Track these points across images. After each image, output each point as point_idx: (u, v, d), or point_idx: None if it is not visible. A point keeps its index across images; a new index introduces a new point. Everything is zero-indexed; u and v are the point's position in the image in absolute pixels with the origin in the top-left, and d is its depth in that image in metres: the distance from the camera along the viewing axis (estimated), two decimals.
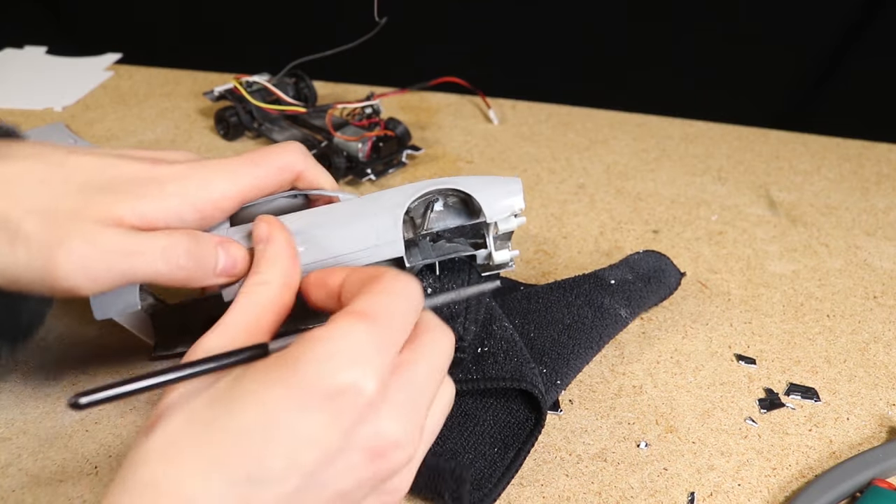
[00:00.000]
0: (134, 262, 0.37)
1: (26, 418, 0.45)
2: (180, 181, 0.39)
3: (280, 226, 0.39)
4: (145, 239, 0.37)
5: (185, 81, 0.89)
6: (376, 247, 0.42)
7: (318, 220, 0.43)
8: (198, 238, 0.39)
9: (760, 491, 0.42)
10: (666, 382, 0.49)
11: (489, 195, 0.44)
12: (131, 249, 0.37)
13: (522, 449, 0.42)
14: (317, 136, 0.74)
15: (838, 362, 0.51)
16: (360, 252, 0.42)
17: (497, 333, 0.45)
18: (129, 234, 0.37)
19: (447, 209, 0.46)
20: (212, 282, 0.40)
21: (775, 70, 1.00)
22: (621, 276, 0.52)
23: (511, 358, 0.43)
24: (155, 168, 0.39)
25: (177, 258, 0.38)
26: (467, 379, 0.42)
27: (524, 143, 0.78)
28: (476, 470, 0.40)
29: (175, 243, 0.38)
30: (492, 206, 0.44)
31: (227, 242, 0.40)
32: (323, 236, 0.42)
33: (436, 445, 0.41)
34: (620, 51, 1.02)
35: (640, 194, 0.70)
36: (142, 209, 0.38)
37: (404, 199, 0.43)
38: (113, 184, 0.38)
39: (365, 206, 0.43)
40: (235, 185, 0.41)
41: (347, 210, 0.43)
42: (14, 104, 0.83)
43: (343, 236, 0.42)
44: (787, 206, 0.69)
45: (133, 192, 0.38)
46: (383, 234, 0.42)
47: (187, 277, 0.39)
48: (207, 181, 0.40)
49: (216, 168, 0.41)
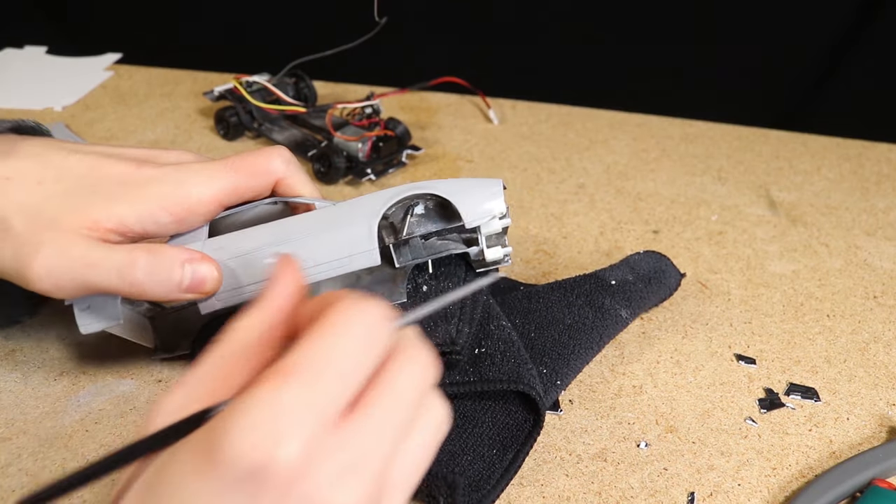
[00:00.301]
0: (90, 274, 0.39)
1: (26, 418, 0.45)
2: (157, 185, 0.41)
3: (290, 266, 0.32)
4: (104, 252, 0.39)
5: (185, 81, 0.89)
6: (350, 257, 0.42)
7: (292, 229, 0.42)
8: (159, 255, 0.39)
9: (760, 491, 0.42)
10: (666, 382, 0.49)
11: (467, 199, 0.44)
12: (89, 262, 0.39)
13: (521, 450, 0.42)
14: (317, 136, 0.74)
15: (838, 362, 0.51)
16: (335, 262, 0.42)
17: (495, 333, 0.45)
18: (92, 247, 0.39)
19: (427, 213, 0.45)
20: (179, 297, 0.40)
21: (775, 70, 1.00)
22: (622, 277, 0.52)
23: (508, 359, 0.43)
24: (138, 171, 0.41)
25: (131, 275, 0.39)
26: (464, 381, 0.42)
27: (524, 143, 0.78)
28: (475, 471, 0.40)
29: (131, 260, 0.39)
30: (470, 211, 0.44)
31: (196, 260, 0.40)
32: (297, 247, 0.42)
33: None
34: (620, 51, 1.02)
35: (640, 194, 0.70)
36: (117, 213, 0.40)
37: (380, 206, 0.43)
38: (98, 186, 0.40)
39: (340, 215, 0.43)
40: (211, 189, 0.41)
41: (322, 219, 0.43)
42: (14, 104, 0.83)
43: (317, 247, 0.42)
44: (787, 206, 0.69)
45: (112, 195, 0.40)
46: (358, 244, 0.42)
47: (145, 292, 0.39)
48: (183, 185, 0.41)
49: (194, 172, 0.42)
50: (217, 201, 0.42)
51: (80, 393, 0.47)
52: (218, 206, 0.42)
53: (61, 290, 0.39)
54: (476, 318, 0.44)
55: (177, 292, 0.40)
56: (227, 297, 0.42)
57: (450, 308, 0.44)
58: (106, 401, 0.46)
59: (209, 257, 0.41)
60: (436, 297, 0.45)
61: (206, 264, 0.40)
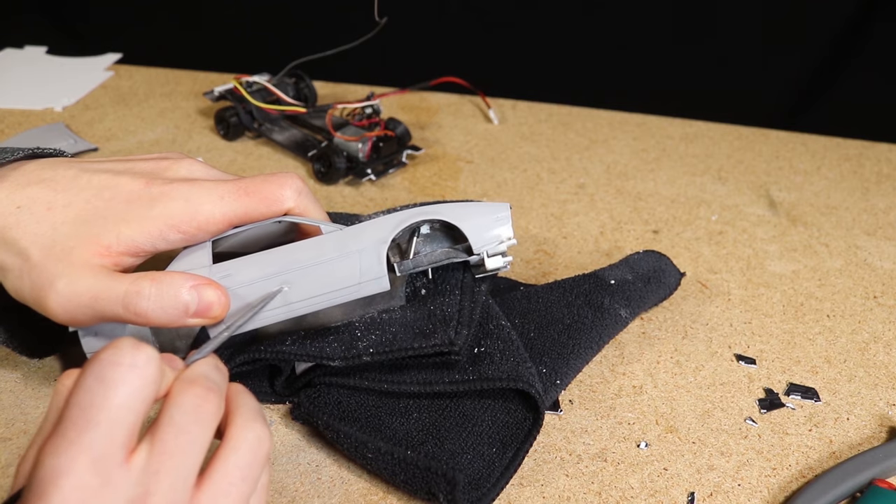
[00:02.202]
0: (98, 305, 0.39)
1: (26, 418, 0.45)
2: (166, 202, 0.41)
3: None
4: (109, 283, 0.39)
5: (185, 81, 0.89)
6: (360, 284, 0.43)
7: (300, 256, 0.42)
8: (164, 283, 0.39)
9: (760, 491, 0.42)
10: (666, 382, 0.49)
11: (475, 226, 0.44)
12: (95, 294, 0.39)
13: (521, 449, 0.42)
14: (317, 136, 0.74)
15: (838, 362, 0.51)
16: (344, 290, 0.43)
17: (494, 333, 0.45)
18: (100, 278, 0.39)
19: (433, 232, 0.46)
20: (186, 323, 0.40)
21: (775, 70, 1.00)
22: (621, 277, 0.52)
23: (508, 358, 0.43)
24: (147, 188, 0.42)
25: (135, 305, 0.39)
26: (464, 380, 0.42)
27: (524, 143, 0.78)
28: (474, 470, 0.40)
29: (136, 290, 0.39)
30: (478, 238, 0.44)
31: (203, 285, 0.40)
32: (305, 275, 0.42)
33: (434, 447, 0.41)
34: (620, 50, 1.02)
35: (640, 194, 0.70)
36: (127, 235, 0.40)
37: (388, 232, 0.43)
38: (107, 209, 0.41)
39: (348, 242, 0.43)
40: (221, 210, 0.42)
41: (330, 246, 0.43)
42: (14, 104, 0.83)
43: (326, 275, 0.42)
44: (787, 205, 0.69)
45: (121, 217, 0.41)
46: (367, 272, 0.42)
47: (150, 321, 0.40)
48: (192, 202, 0.41)
49: (205, 190, 0.42)
50: (226, 221, 0.42)
51: None
52: (227, 226, 0.43)
53: (77, 320, 0.40)
54: (475, 319, 0.44)
55: (183, 318, 0.40)
56: (236, 323, 0.42)
57: (448, 311, 0.44)
58: None
59: (215, 282, 0.41)
60: (433, 299, 0.46)
61: (212, 289, 0.40)
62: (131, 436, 0.29)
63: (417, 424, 0.43)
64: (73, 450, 0.27)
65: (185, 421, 0.30)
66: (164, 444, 0.29)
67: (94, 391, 0.29)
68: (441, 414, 0.43)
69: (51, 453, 0.27)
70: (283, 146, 0.74)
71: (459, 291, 0.46)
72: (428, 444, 0.41)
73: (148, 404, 0.30)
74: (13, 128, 0.77)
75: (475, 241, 0.44)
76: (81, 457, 0.27)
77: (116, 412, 0.28)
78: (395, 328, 0.43)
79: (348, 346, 0.43)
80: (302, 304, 0.42)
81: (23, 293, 0.41)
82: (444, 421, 0.43)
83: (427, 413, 0.43)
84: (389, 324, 0.44)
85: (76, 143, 0.74)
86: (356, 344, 0.43)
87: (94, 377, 0.29)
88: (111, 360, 0.29)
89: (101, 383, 0.29)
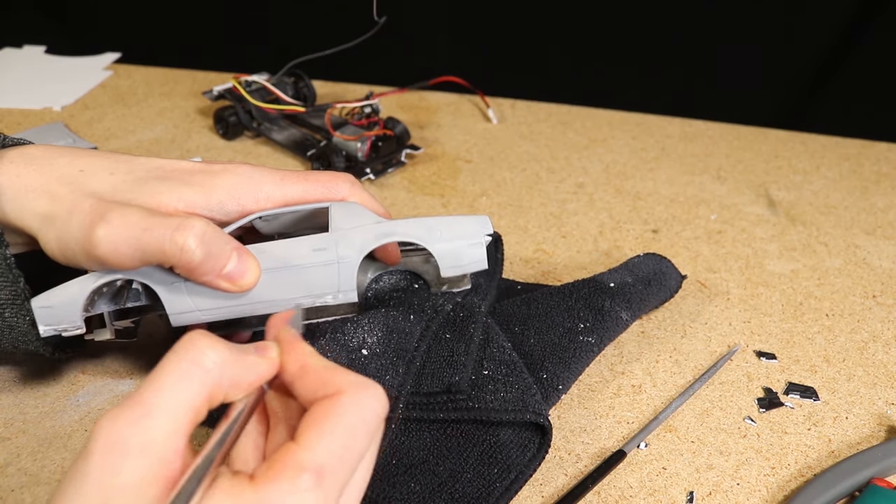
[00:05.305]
0: (145, 237, 0.38)
1: (26, 418, 0.45)
2: (229, 175, 0.43)
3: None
4: (163, 218, 0.38)
5: (185, 81, 0.89)
6: (336, 293, 0.43)
7: (287, 253, 0.42)
8: (217, 230, 0.39)
9: (759, 490, 0.42)
10: (665, 382, 0.49)
11: (448, 254, 0.44)
12: (146, 225, 0.38)
13: (524, 473, 0.41)
14: (316, 135, 0.74)
15: (837, 361, 0.51)
16: (323, 297, 0.43)
17: (497, 356, 0.44)
18: (154, 213, 0.39)
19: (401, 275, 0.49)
20: (217, 278, 0.39)
21: (775, 70, 1.00)
22: (621, 280, 0.52)
23: (512, 385, 0.42)
24: (210, 165, 0.44)
25: (184, 239, 0.37)
26: (469, 408, 0.41)
27: (523, 143, 0.78)
28: (474, 489, 0.40)
29: (188, 225, 0.38)
30: (448, 267, 0.45)
31: (245, 252, 0.40)
32: (290, 274, 0.42)
33: (435, 465, 0.40)
34: (620, 50, 1.02)
35: (639, 193, 0.70)
36: (186, 195, 0.41)
37: (369, 245, 0.43)
38: (169, 176, 0.42)
39: (335, 246, 0.43)
40: (281, 190, 0.44)
41: (317, 246, 0.43)
42: (13, 104, 0.83)
43: (310, 279, 0.42)
44: (787, 205, 0.69)
45: (184, 181, 0.41)
46: (344, 283, 0.43)
47: (191, 261, 0.38)
48: (254, 180, 0.43)
49: (268, 172, 0.44)
50: (284, 201, 0.44)
51: (79, 393, 0.47)
52: (281, 206, 0.44)
53: (119, 255, 0.38)
54: (473, 351, 0.43)
55: (216, 273, 0.39)
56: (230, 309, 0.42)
57: (444, 353, 0.43)
58: (105, 401, 0.46)
59: (252, 253, 0.41)
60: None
61: (252, 257, 0.40)
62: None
63: (418, 442, 0.42)
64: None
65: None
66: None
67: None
68: (443, 432, 0.42)
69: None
70: (282, 145, 0.74)
71: (451, 335, 0.45)
72: (429, 461, 0.41)
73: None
74: (12, 127, 0.77)
75: (444, 270, 0.45)
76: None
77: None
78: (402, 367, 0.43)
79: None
80: (278, 303, 0.42)
81: (68, 236, 0.39)
82: (445, 440, 0.42)
83: (428, 431, 0.42)
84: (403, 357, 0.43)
85: (75, 143, 0.74)
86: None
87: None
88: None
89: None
